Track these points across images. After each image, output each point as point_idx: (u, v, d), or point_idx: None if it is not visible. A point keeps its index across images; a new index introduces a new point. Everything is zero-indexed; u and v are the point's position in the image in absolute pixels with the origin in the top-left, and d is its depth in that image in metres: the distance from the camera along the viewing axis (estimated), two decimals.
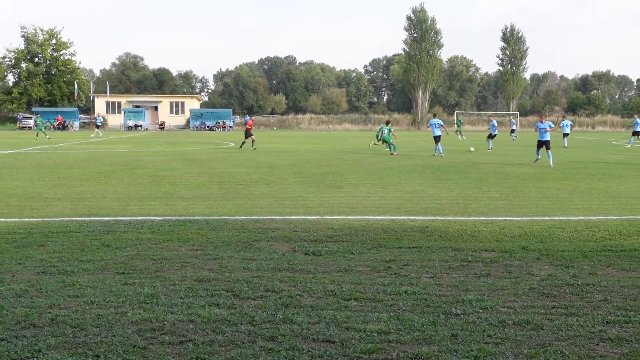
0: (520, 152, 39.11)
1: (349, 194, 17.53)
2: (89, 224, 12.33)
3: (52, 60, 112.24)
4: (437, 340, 6.01)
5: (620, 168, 26.35)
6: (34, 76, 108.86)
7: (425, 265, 9.08)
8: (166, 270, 8.69)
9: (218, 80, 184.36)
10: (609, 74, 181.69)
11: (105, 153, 36.60)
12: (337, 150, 40.41)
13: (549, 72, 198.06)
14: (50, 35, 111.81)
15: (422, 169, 25.91)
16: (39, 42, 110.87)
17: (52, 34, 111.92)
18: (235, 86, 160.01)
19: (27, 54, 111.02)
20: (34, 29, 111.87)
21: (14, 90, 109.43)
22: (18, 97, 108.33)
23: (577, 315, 6.77)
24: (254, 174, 23.25)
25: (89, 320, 6.52)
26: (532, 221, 12.95)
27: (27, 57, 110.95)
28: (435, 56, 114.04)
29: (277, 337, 6.08)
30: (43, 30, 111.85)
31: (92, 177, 22.20)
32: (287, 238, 11.01)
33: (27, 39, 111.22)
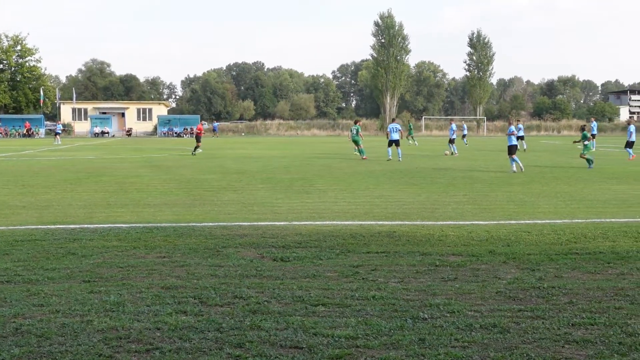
0: (487, 156, 39.39)
1: (317, 199, 17.53)
2: (55, 232, 12.19)
3: (17, 66, 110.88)
4: (404, 345, 6.03)
5: (585, 172, 26.64)
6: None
7: (393, 270, 9.10)
8: (133, 278, 8.62)
9: (186, 86, 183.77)
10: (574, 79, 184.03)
11: (72, 160, 36.25)
12: (305, 156, 40.41)
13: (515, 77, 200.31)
14: (15, 41, 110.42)
15: (390, 174, 25.99)
16: (3, 49, 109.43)
17: (17, 40, 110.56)
18: (203, 92, 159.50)
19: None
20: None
21: None
22: None
23: (543, 318, 6.83)
24: (222, 181, 23.17)
25: (54, 330, 6.45)
26: (498, 225, 13.04)
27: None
28: (402, 62, 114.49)
29: (244, 344, 6.05)
30: (8, 36, 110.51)
31: (58, 184, 21.96)
32: (255, 244, 10.97)
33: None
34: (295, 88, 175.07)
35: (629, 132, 36.90)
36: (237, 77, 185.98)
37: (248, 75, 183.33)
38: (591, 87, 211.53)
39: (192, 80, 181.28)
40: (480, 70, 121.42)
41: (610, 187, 20.45)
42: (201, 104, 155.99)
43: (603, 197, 17.76)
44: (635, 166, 29.86)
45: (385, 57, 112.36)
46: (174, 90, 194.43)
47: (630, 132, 36.75)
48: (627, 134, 37.22)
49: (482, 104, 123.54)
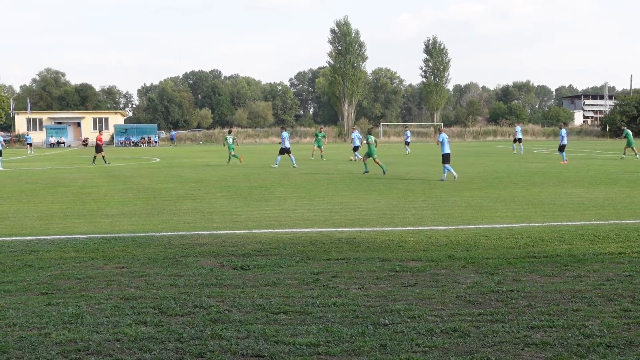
0: None
1: (277, 207, 17.50)
2: (10, 244, 12.00)
3: None
4: (366, 351, 6.04)
5: (541, 176, 26.98)
6: None
7: (353, 276, 9.13)
8: (91, 289, 8.52)
9: (142, 95, 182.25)
10: (528, 84, 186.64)
11: (27, 171, 35.74)
12: (264, 163, 40.33)
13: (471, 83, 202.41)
14: None
15: (350, 180, 26.06)
16: None
17: None
18: (160, 101, 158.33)
19: None
20: None
21: None
22: None
23: (502, 322, 6.89)
24: (180, 189, 23.02)
25: (11, 343, 6.34)
26: (457, 230, 13.15)
27: None
28: (359, 68, 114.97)
29: (205, 354, 6.02)
30: None
31: (13, 195, 21.63)
32: (214, 253, 10.92)
33: None
34: (252, 96, 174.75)
35: (561, 136, 37.78)
36: (194, 85, 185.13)
37: (205, 84, 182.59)
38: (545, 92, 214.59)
39: (149, 89, 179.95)
40: (437, 77, 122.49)
41: (565, 191, 20.74)
42: (158, 113, 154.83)
43: (559, 201, 18.00)
44: (589, 170, 30.31)
45: (342, 64, 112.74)
46: (130, 99, 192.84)
47: (562, 136, 37.65)
48: (560, 138, 38.07)
49: (439, 110, 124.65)
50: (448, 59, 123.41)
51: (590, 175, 27.37)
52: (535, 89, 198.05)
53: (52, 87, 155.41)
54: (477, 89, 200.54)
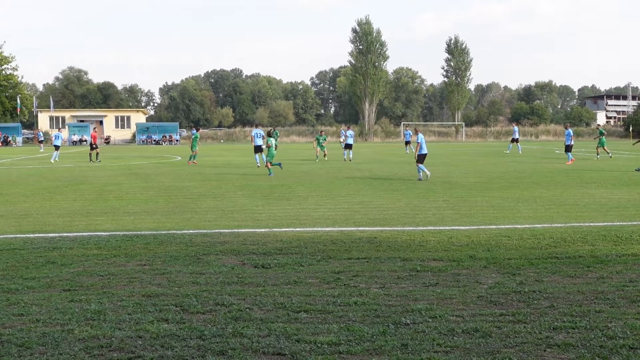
0: (466, 162, 39.58)
1: (298, 206, 17.52)
2: (34, 241, 12.10)
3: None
4: (387, 350, 6.03)
5: (564, 176, 26.83)
6: None
7: (374, 275, 9.11)
8: (113, 286, 8.57)
9: (164, 93, 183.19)
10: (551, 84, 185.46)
11: (50, 169, 36.01)
12: (284, 162, 40.36)
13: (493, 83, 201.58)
14: None
15: (370, 180, 26.04)
16: None
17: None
18: (182, 99, 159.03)
19: None
20: None
21: None
22: None
23: (524, 322, 6.86)
24: (201, 188, 23.10)
25: (34, 339, 6.39)
26: (479, 230, 13.10)
27: None
28: (381, 68, 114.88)
29: (227, 351, 6.04)
30: None
31: (36, 193, 21.80)
32: (235, 251, 10.95)
33: None
34: (273, 95, 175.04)
35: (568, 136, 37.52)
36: (216, 84, 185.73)
37: (226, 82, 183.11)
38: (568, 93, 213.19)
39: (171, 87, 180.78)
40: (458, 76, 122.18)
41: (588, 192, 20.60)
42: (180, 112, 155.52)
43: (582, 202, 17.89)
44: (612, 171, 30.09)
45: (363, 64, 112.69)
46: (152, 97, 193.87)
47: (570, 136, 37.45)
48: (566, 138, 37.79)
49: (460, 110, 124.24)
50: (470, 59, 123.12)
51: (614, 176, 27.17)
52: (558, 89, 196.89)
53: (74, 86, 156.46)
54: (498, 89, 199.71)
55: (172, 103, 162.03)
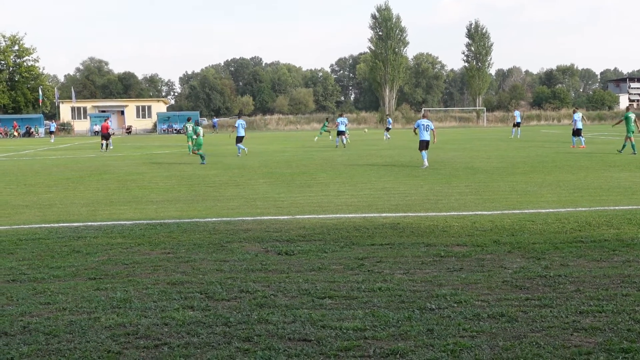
0: (488, 147, 39.37)
1: (320, 193, 17.52)
2: (59, 230, 12.19)
3: (15, 66, 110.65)
4: (413, 336, 6.02)
5: (587, 160, 26.63)
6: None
7: (398, 261, 9.10)
8: (138, 275, 8.62)
9: (184, 83, 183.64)
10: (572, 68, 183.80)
11: (73, 159, 36.24)
12: (306, 149, 40.39)
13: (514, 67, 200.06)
14: (12, 41, 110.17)
15: (392, 166, 25.99)
16: (1, 49, 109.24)
17: (14, 40, 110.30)
18: (202, 88, 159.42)
19: None
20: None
21: None
22: None
23: (550, 307, 6.82)
24: (223, 176, 23.16)
25: (61, 327, 6.44)
26: (502, 215, 13.03)
27: None
28: (400, 54, 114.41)
29: (252, 338, 6.05)
30: (5, 36, 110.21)
31: (59, 183, 21.96)
32: (259, 238, 10.97)
33: None
34: (293, 82, 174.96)
35: (574, 120, 37.24)
36: (236, 72, 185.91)
37: (246, 71, 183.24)
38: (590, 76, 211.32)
39: (191, 76, 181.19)
40: (479, 61, 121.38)
41: (612, 175, 20.44)
42: (200, 100, 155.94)
43: (606, 185, 17.75)
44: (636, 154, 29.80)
45: (383, 50, 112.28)
46: (172, 87, 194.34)
47: (575, 120, 37.17)
48: (573, 122, 37.47)
49: (481, 95, 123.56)
50: (490, 43, 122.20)
51: (637, 159, 26.92)
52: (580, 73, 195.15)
53: (95, 76, 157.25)
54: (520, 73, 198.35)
55: (193, 92, 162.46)
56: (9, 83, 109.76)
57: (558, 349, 5.65)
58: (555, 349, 5.64)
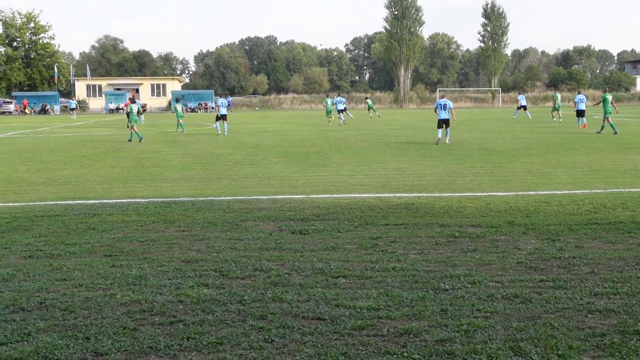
0: (503, 128, 39.22)
1: (334, 172, 17.52)
2: (74, 207, 12.26)
3: (31, 44, 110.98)
4: (426, 316, 6.04)
5: (603, 142, 26.47)
6: (13, 60, 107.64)
7: (412, 241, 9.10)
8: (153, 252, 8.67)
9: (199, 61, 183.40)
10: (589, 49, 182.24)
11: (88, 136, 36.39)
12: (320, 129, 40.35)
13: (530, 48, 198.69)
14: (28, 18, 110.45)
15: (406, 146, 25.94)
16: (17, 26, 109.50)
17: (30, 18, 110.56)
18: (217, 67, 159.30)
19: (6, 38, 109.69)
20: (12, 13, 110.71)
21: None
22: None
23: (564, 288, 6.81)
24: (238, 155, 23.20)
25: (77, 303, 6.50)
26: (517, 196, 13.00)
27: (6, 41, 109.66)
28: (416, 34, 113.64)
29: (267, 316, 6.08)
30: (21, 13, 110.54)
31: (75, 160, 22.06)
32: (273, 217, 10.99)
33: (5, 22, 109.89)
34: (308, 62, 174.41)
35: (576, 101, 37.86)
36: (250, 51, 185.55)
37: (261, 50, 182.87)
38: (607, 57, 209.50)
39: (205, 55, 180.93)
40: (495, 42, 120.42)
41: (627, 157, 20.33)
42: (214, 79, 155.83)
43: (621, 167, 17.65)
44: None
45: (398, 30, 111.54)
46: (187, 65, 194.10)
47: (576, 102, 37.85)
48: (577, 104, 37.71)
49: (497, 75, 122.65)
50: (507, 23, 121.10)
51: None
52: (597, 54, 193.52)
53: (110, 54, 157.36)
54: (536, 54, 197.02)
55: (207, 71, 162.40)
56: (25, 60, 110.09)
57: (572, 330, 5.65)
58: (569, 331, 5.64)
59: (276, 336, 5.60)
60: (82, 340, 5.56)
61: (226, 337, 5.59)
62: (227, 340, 5.52)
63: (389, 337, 5.57)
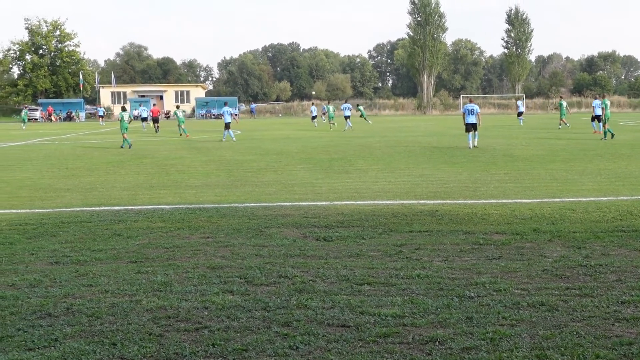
0: (527, 135, 38.99)
1: (358, 179, 17.52)
2: (100, 214, 12.36)
3: (57, 51, 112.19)
4: (452, 323, 6.02)
5: (628, 148, 26.25)
6: (39, 68, 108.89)
7: (436, 248, 9.08)
8: (178, 258, 8.71)
9: (222, 68, 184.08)
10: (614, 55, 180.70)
11: (113, 143, 36.62)
12: (343, 136, 40.34)
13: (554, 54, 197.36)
14: (54, 26, 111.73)
15: (430, 153, 25.88)
16: (43, 34, 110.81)
17: (56, 26, 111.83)
18: (240, 74, 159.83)
19: (32, 46, 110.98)
20: (38, 21, 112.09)
21: (19, 82, 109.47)
22: (23, 89, 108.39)
23: (591, 296, 6.76)
24: (262, 161, 23.26)
25: (104, 309, 6.55)
26: (542, 203, 12.92)
27: (32, 49, 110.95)
28: (439, 40, 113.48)
29: (292, 323, 6.09)
30: (47, 21, 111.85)
31: (100, 167, 22.23)
32: (297, 224, 11.01)
33: (31, 31, 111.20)
34: (331, 68, 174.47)
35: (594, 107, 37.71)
36: (273, 58, 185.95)
37: (284, 56, 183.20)
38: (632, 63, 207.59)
39: (229, 62, 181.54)
40: (519, 47, 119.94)
41: None
42: (238, 86, 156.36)
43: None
44: None
45: (421, 36, 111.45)
46: (210, 72, 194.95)
47: (594, 107, 37.84)
48: (595, 109, 37.63)
49: (521, 81, 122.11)
50: (530, 29, 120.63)
51: None
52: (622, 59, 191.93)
53: (135, 61, 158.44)
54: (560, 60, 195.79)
55: (231, 77, 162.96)
56: (51, 68, 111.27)
57: (599, 339, 5.61)
58: (596, 339, 5.60)
59: (301, 343, 5.61)
60: (108, 346, 5.60)
61: (251, 343, 5.61)
62: (252, 347, 5.54)
63: (414, 345, 5.56)
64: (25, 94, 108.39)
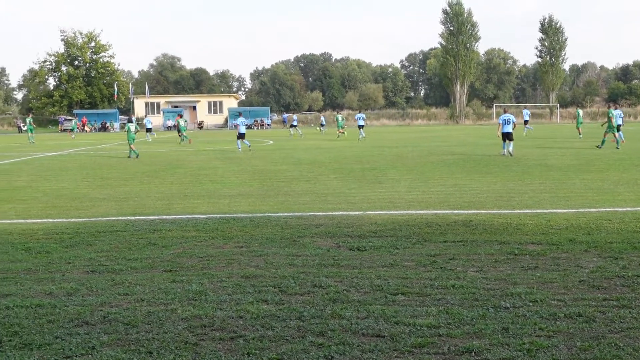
0: (561, 144, 38.67)
1: (391, 189, 17.48)
2: (135, 223, 12.46)
3: (92, 62, 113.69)
4: (487, 334, 5.97)
5: None
6: (74, 79, 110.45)
7: (471, 259, 9.02)
8: (213, 268, 8.75)
9: (254, 78, 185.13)
10: None
11: (147, 153, 36.94)
12: (375, 145, 40.32)
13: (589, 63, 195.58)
14: (89, 38, 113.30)
15: (463, 162, 25.75)
16: (78, 46, 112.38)
17: (91, 37, 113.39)
18: (272, 84, 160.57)
19: (67, 58, 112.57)
20: (74, 33, 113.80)
21: (55, 93, 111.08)
22: (59, 100, 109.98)
23: (629, 307, 6.68)
24: (294, 171, 23.30)
25: (140, 318, 6.60)
26: (578, 213, 12.78)
27: (67, 60, 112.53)
28: (472, 49, 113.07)
29: (326, 332, 6.09)
30: (82, 33, 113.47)
31: (135, 177, 22.43)
32: (331, 234, 11.01)
33: (67, 42, 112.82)
34: (363, 78, 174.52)
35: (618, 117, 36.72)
36: (305, 68, 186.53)
37: (316, 67, 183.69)
38: None
39: (261, 72, 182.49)
40: (553, 56, 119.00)
41: None
42: (270, 96, 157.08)
43: None
44: None
45: (454, 45, 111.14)
46: (243, 82, 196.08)
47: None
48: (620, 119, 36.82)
49: (555, 91, 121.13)
50: (564, 38, 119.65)
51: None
52: None
53: (168, 72, 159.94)
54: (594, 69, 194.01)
55: (263, 88, 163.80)
56: (86, 79, 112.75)
57: (638, 350, 5.54)
58: (634, 351, 5.53)
59: (336, 353, 5.60)
60: (144, 354, 5.64)
61: (286, 352, 5.62)
62: (287, 356, 5.55)
63: (449, 356, 5.53)
64: (61, 104, 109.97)
